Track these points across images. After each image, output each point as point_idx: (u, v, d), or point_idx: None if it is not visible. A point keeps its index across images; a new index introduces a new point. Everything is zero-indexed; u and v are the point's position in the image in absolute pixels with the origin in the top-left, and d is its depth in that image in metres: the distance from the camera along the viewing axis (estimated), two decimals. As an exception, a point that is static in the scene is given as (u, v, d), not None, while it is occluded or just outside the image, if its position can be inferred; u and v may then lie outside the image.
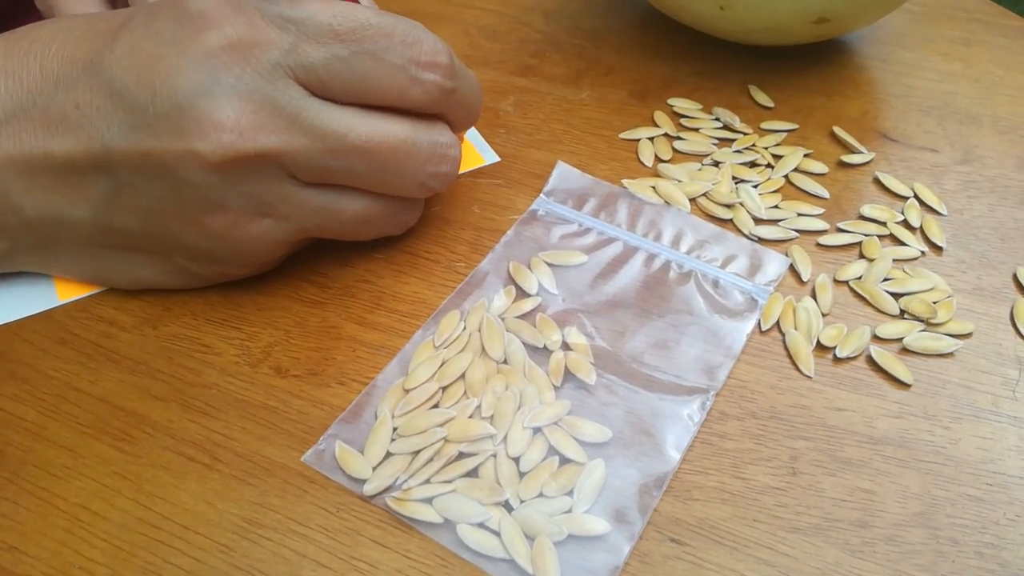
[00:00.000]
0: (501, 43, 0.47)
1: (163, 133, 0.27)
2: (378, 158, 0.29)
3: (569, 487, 0.28)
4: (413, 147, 0.30)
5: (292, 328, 0.33)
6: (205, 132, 0.27)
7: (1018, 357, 0.32)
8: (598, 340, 0.32)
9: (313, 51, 0.28)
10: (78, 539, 0.27)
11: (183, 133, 0.27)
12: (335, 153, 0.29)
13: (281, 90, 0.28)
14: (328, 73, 0.28)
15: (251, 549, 0.26)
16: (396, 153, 0.30)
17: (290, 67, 0.28)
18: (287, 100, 0.28)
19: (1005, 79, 0.45)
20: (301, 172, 0.29)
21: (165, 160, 0.28)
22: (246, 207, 0.29)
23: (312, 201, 0.30)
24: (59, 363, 0.31)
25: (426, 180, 0.31)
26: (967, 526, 0.27)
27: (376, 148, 0.29)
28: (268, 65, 0.28)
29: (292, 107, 0.28)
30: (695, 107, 0.43)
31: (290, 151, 0.28)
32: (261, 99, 0.27)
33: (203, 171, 0.28)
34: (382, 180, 0.31)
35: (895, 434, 0.30)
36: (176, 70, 0.27)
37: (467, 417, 0.29)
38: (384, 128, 0.29)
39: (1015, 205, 0.38)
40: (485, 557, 0.26)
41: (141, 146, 0.28)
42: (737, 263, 0.35)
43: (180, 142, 0.27)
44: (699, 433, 0.30)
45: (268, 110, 0.28)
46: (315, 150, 0.28)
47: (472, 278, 0.34)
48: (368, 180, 0.30)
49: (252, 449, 0.29)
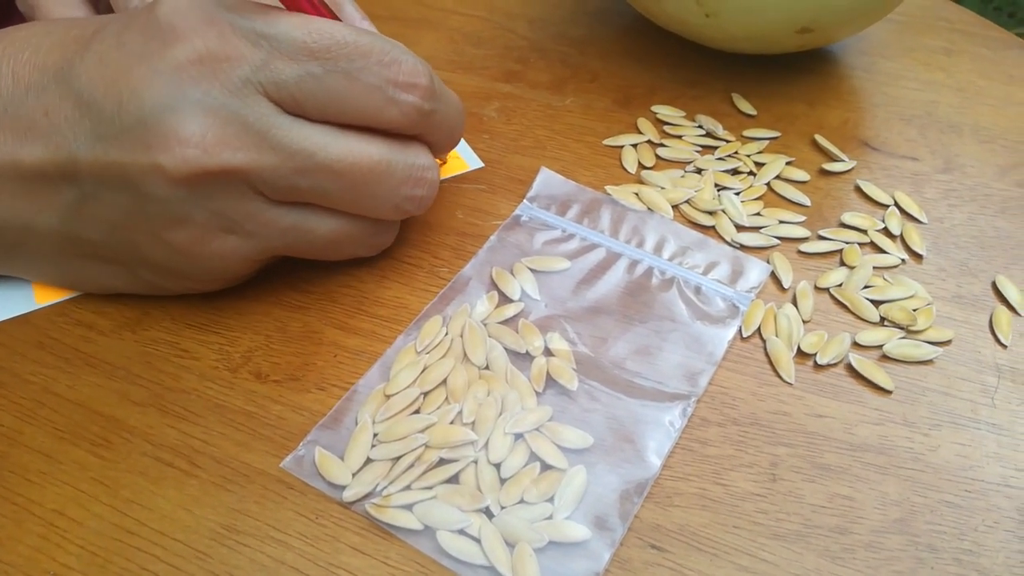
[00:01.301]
0: (486, 49, 0.47)
1: (128, 146, 0.27)
2: (350, 179, 0.29)
3: (550, 494, 0.28)
4: (388, 168, 0.30)
5: (272, 333, 0.32)
6: (169, 147, 0.26)
7: (997, 364, 0.32)
8: (580, 346, 0.32)
9: (285, 68, 0.27)
10: (53, 545, 0.26)
11: (148, 147, 0.27)
12: (305, 172, 0.28)
13: (250, 106, 0.27)
14: (300, 91, 0.27)
15: (229, 556, 0.26)
16: (369, 174, 0.29)
17: (261, 83, 0.27)
18: (256, 117, 0.27)
19: (986, 89, 0.45)
20: (269, 190, 0.28)
21: (129, 173, 0.27)
22: (211, 223, 0.29)
23: (280, 220, 0.29)
24: (36, 367, 0.31)
25: (401, 203, 0.31)
26: (946, 533, 0.27)
27: (349, 169, 0.29)
28: (238, 81, 0.27)
29: (261, 124, 0.27)
30: (678, 114, 0.43)
31: (257, 168, 0.27)
32: (229, 115, 0.27)
33: (167, 185, 0.27)
34: (354, 201, 0.30)
35: (875, 441, 0.30)
36: (143, 83, 0.27)
37: (448, 423, 0.29)
38: (358, 148, 0.29)
39: (995, 214, 0.38)
40: (465, 564, 0.26)
41: (106, 157, 0.27)
42: (719, 270, 0.35)
43: (144, 156, 0.27)
44: (680, 439, 0.30)
45: (236, 126, 0.27)
46: (284, 168, 0.28)
47: (455, 283, 0.34)
48: (340, 201, 0.30)
49: (231, 455, 0.29)
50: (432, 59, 0.46)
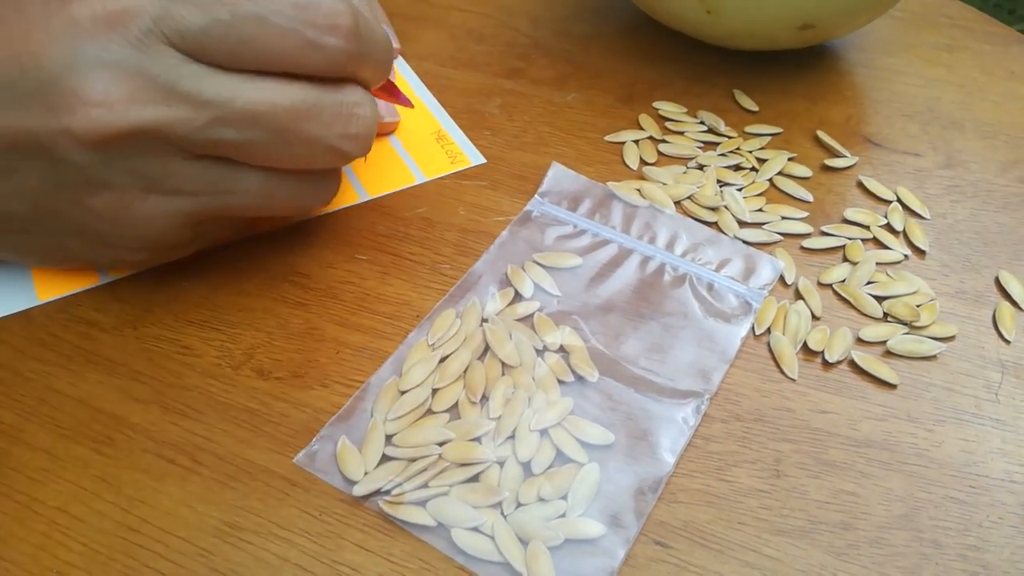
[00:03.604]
0: (488, 45, 0.47)
1: (34, 111, 0.26)
2: (273, 124, 0.27)
3: (564, 491, 0.27)
4: (313, 109, 0.27)
5: (274, 330, 0.32)
6: (73, 108, 0.25)
7: (1000, 360, 0.32)
8: (594, 342, 0.32)
9: (189, 15, 0.25)
10: (56, 543, 0.26)
11: (53, 110, 0.25)
12: (222, 122, 0.26)
13: (155, 58, 0.25)
14: (208, 38, 0.26)
15: (232, 553, 0.26)
16: (293, 117, 0.27)
17: (164, 33, 0.25)
18: (162, 68, 0.25)
19: (988, 85, 0.45)
20: (187, 144, 0.27)
21: (39, 139, 0.26)
22: (131, 184, 0.27)
23: (204, 175, 0.28)
24: (38, 364, 0.31)
25: (337, 144, 0.28)
26: (950, 528, 0.27)
27: (268, 113, 0.27)
28: (139, 33, 0.25)
29: (168, 76, 0.26)
30: (680, 110, 0.43)
31: (170, 123, 0.26)
32: (133, 69, 0.25)
33: (78, 149, 0.26)
34: (284, 149, 0.28)
35: (879, 437, 0.30)
36: (41, 45, 0.25)
37: (472, 418, 0.29)
38: (277, 91, 0.27)
39: (997, 209, 0.38)
40: (479, 560, 0.26)
41: (16, 125, 0.26)
42: (732, 266, 0.35)
43: (51, 120, 0.25)
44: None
45: (141, 80, 0.25)
46: (199, 120, 0.26)
47: (466, 279, 0.34)
48: (267, 150, 0.28)
49: (233, 452, 0.29)
50: (434, 56, 0.46)
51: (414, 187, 0.38)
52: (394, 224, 0.36)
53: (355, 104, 0.29)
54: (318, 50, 0.27)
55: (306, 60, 0.27)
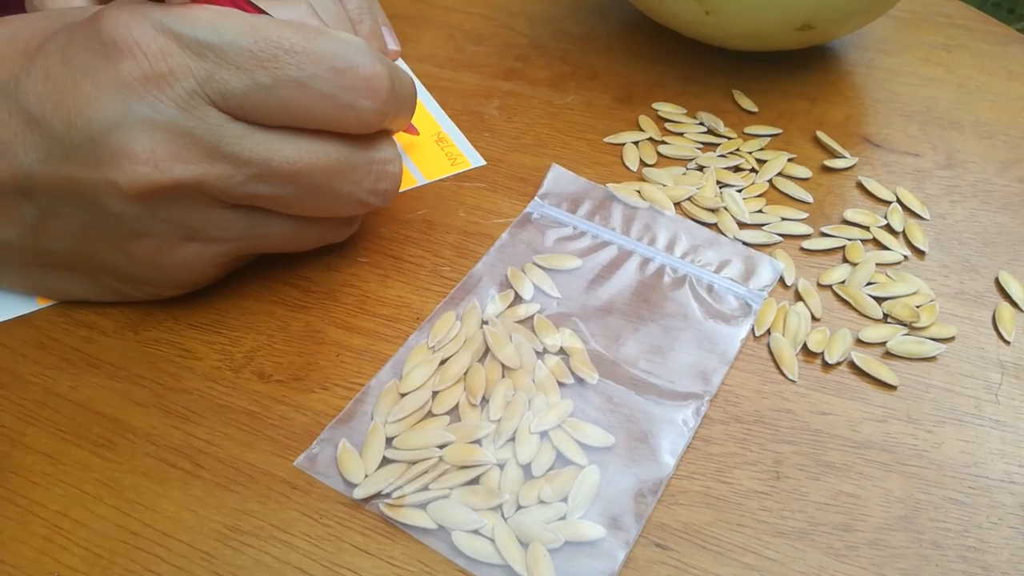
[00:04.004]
0: (486, 47, 0.47)
1: (80, 163, 0.27)
2: (307, 181, 0.28)
3: (564, 493, 0.27)
4: (346, 167, 0.29)
5: (275, 333, 0.32)
6: (120, 164, 0.26)
7: (1000, 361, 0.32)
8: (593, 344, 0.32)
9: (232, 78, 0.26)
10: (57, 547, 0.26)
11: (99, 164, 0.26)
12: (260, 179, 0.28)
13: (199, 118, 0.27)
14: (249, 101, 0.27)
15: (233, 556, 0.26)
16: (327, 175, 0.29)
17: (207, 95, 0.27)
18: (205, 129, 0.27)
19: (987, 85, 0.45)
20: (226, 197, 0.28)
21: (84, 189, 0.27)
22: (171, 233, 0.29)
23: (240, 223, 0.29)
24: (39, 368, 0.31)
25: (364, 198, 0.30)
26: (950, 530, 0.27)
27: (304, 171, 0.28)
28: (184, 94, 0.26)
29: (211, 135, 0.27)
30: (680, 112, 0.43)
31: (210, 179, 0.27)
32: (177, 129, 0.26)
33: (122, 202, 0.27)
34: (315, 202, 0.30)
35: (878, 438, 0.30)
36: (89, 100, 0.26)
37: (472, 421, 0.29)
38: (313, 150, 0.28)
39: (997, 210, 0.38)
40: (480, 563, 0.26)
41: (60, 174, 0.27)
42: (731, 268, 0.35)
43: (97, 173, 0.26)
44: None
45: (185, 139, 0.27)
46: (238, 177, 0.28)
47: (466, 282, 0.34)
48: (300, 204, 0.29)
49: (234, 455, 0.29)
50: (432, 57, 0.46)
51: (414, 189, 0.38)
52: (395, 226, 0.37)
53: (386, 161, 0.30)
54: (355, 112, 0.28)
55: (343, 122, 0.28)
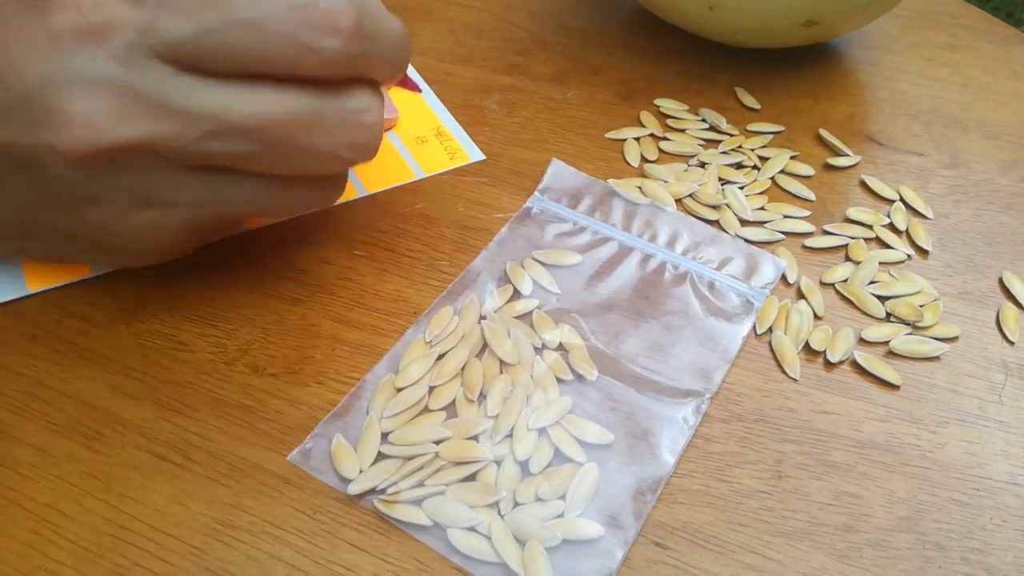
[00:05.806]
0: (487, 41, 0.47)
1: (17, 126, 0.25)
2: (269, 136, 0.26)
3: (562, 490, 0.27)
4: (313, 119, 0.26)
5: (270, 326, 0.32)
6: (56, 126, 0.24)
7: (1004, 361, 0.32)
8: (593, 341, 0.31)
9: (175, 25, 0.24)
10: (45, 540, 0.26)
11: (37, 126, 0.24)
12: (214, 135, 0.25)
13: (140, 73, 0.24)
14: (197, 48, 0.24)
15: (224, 551, 0.26)
16: (292, 128, 0.26)
17: (149, 46, 0.24)
18: (149, 84, 0.24)
19: (991, 84, 0.45)
20: (180, 157, 0.26)
21: (25, 152, 0.25)
22: (124, 199, 0.26)
23: (199, 186, 0.27)
24: (29, 359, 0.30)
25: (339, 152, 0.27)
26: (953, 531, 0.27)
27: (265, 125, 0.25)
28: (122, 47, 0.24)
29: (156, 91, 0.24)
30: (681, 108, 0.42)
31: (158, 139, 0.25)
32: (118, 86, 0.24)
33: (64, 166, 0.25)
34: (282, 160, 0.27)
35: (881, 438, 0.29)
36: (22, 57, 0.24)
37: (469, 416, 0.29)
38: (274, 101, 0.25)
39: (1001, 210, 0.38)
40: (476, 560, 0.26)
41: (0, 137, 0.25)
42: (733, 265, 0.34)
43: (36, 136, 0.25)
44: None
45: (127, 97, 0.24)
46: (189, 135, 0.25)
47: (464, 276, 0.34)
48: (265, 162, 0.26)
49: (226, 449, 0.28)
50: (433, 50, 0.46)
51: (413, 183, 0.38)
52: (392, 220, 0.36)
53: (360, 111, 0.27)
54: (317, 54, 0.25)
55: (305, 66, 0.25)
